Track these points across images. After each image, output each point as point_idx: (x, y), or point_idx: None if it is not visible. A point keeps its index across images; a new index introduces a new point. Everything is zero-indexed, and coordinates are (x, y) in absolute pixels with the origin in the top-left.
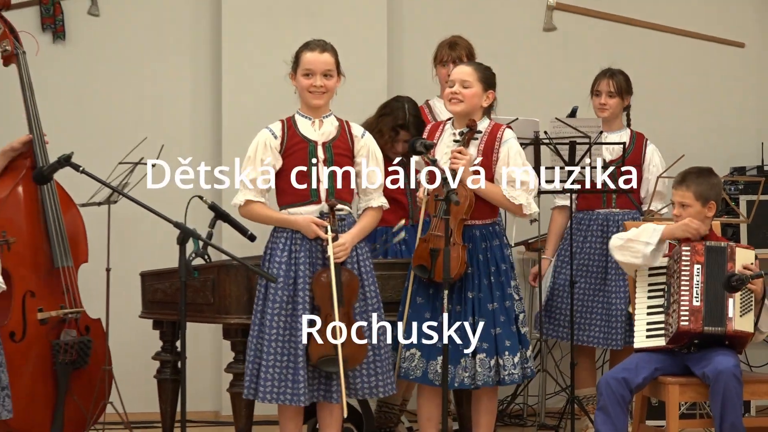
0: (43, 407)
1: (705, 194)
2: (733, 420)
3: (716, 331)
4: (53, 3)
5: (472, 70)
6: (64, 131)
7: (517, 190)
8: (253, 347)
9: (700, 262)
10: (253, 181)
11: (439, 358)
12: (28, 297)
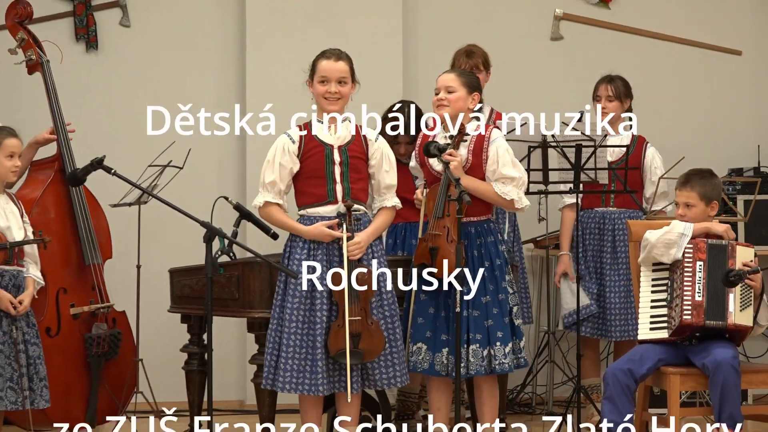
0: (77, 397)
1: (708, 194)
2: (732, 409)
3: (717, 325)
4: (86, 14)
5: (455, 76)
6: (97, 135)
7: (508, 186)
8: (272, 340)
9: (702, 259)
10: (272, 183)
11: (444, 350)
12: (61, 293)
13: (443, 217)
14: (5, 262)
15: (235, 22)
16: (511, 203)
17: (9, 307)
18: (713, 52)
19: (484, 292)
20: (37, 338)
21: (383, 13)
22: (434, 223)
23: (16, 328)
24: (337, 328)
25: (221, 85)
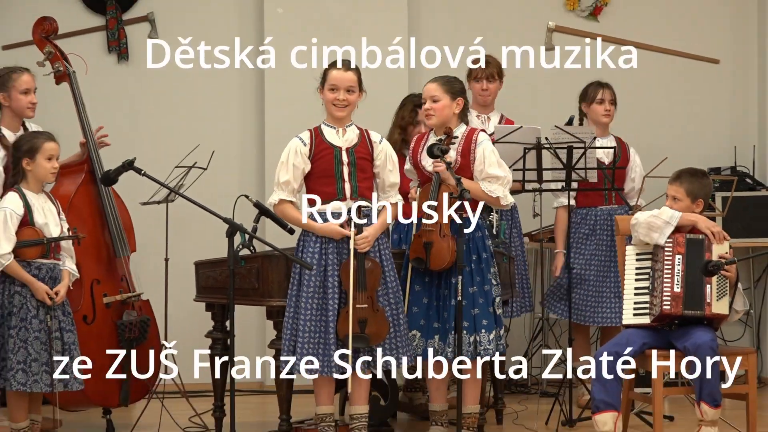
0: (111, 380)
1: (695, 192)
2: (711, 387)
3: (695, 314)
4: (118, 28)
5: (437, 86)
6: (127, 139)
7: (494, 184)
8: (289, 327)
9: (681, 253)
10: (287, 182)
11: (435, 336)
12: (95, 284)
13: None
14: (42, 256)
15: (254, 33)
16: (497, 200)
17: (45, 297)
18: (693, 61)
19: (471, 283)
20: (72, 326)
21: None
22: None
23: (51, 317)
24: (345, 314)
25: (242, 91)
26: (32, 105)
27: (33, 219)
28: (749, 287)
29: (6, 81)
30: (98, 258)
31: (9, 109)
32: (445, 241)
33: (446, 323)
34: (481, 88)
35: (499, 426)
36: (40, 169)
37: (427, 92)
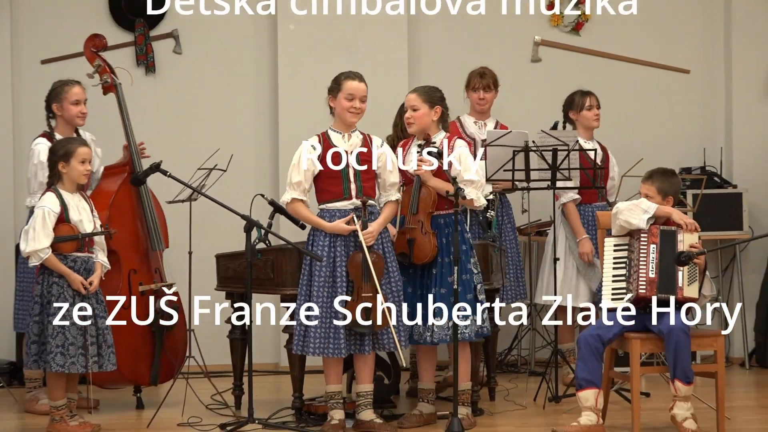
0: (143, 360)
1: (665, 190)
2: (683, 366)
3: (668, 297)
4: (146, 44)
5: (416, 96)
6: (155, 144)
7: (468, 187)
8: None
9: (655, 243)
10: (299, 183)
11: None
12: (132, 274)
13: (417, 213)
14: (77, 250)
15: (269, 48)
16: (470, 202)
17: (80, 287)
18: (666, 71)
19: (450, 272)
20: (104, 312)
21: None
22: (410, 218)
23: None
24: (352, 303)
25: (258, 100)
26: (82, 114)
27: (69, 216)
28: (717, 276)
29: (59, 93)
30: (136, 250)
31: (62, 117)
32: (427, 238)
33: (425, 310)
34: (478, 97)
35: (492, 402)
36: (74, 172)
37: (407, 102)
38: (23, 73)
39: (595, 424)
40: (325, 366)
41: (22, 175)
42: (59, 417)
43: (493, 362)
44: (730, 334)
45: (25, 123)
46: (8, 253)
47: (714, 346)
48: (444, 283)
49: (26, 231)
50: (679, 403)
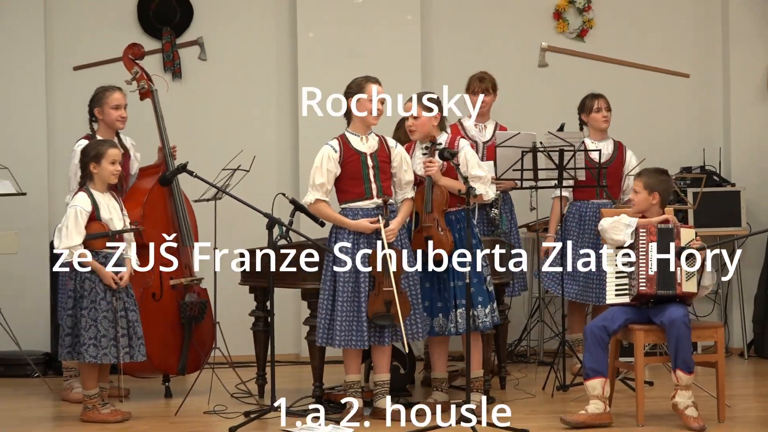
0: (172, 350)
1: (651, 185)
2: (684, 356)
3: (668, 294)
4: (172, 51)
5: (415, 105)
6: (181, 146)
7: (476, 183)
8: (324, 307)
9: (654, 241)
10: (321, 185)
11: (439, 314)
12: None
13: (432, 211)
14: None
15: (289, 56)
16: (480, 196)
17: (111, 282)
18: (667, 75)
19: (465, 264)
20: (134, 306)
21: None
22: (425, 217)
23: (117, 299)
24: (374, 296)
25: (279, 104)
26: (122, 119)
27: (100, 215)
28: (717, 270)
29: (101, 98)
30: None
31: (103, 121)
32: (443, 234)
33: (447, 302)
34: (475, 101)
35: (503, 390)
36: (104, 172)
37: (407, 110)
38: (57, 80)
39: (602, 412)
40: (345, 357)
41: (56, 177)
42: (92, 405)
43: (503, 352)
44: (729, 325)
45: (59, 127)
46: (43, 250)
47: (714, 337)
48: (459, 276)
49: (60, 229)
50: (680, 392)
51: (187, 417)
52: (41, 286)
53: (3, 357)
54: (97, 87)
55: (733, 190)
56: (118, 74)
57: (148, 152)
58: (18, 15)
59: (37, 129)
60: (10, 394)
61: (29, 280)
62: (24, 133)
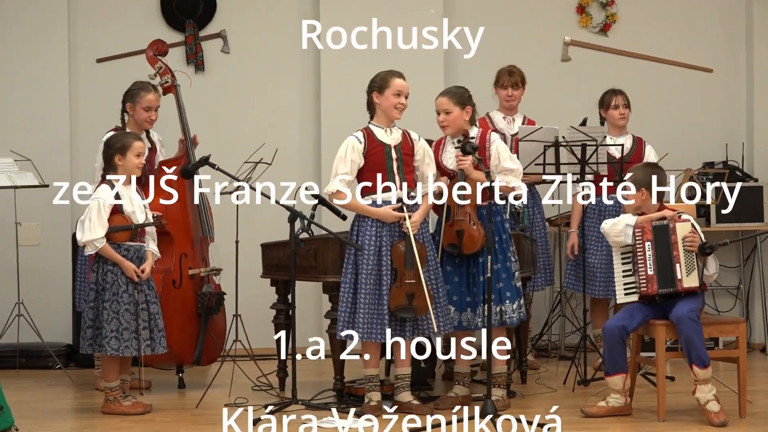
0: (189, 340)
1: (638, 181)
2: (698, 352)
3: (669, 291)
4: (195, 43)
5: (447, 99)
6: (204, 139)
7: (509, 176)
8: (346, 300)
9: (650, 239)
10: (344, 174)
11: (468, 309)
12: (183, 257)
13: (464, 205)
14: (130, 240)
15: (311, 49)
16: (512, 189)
17: (134, 275)
18: (690, 70)
19: (495, 260)
20: (155, 299)
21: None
22: (457, 210)
23: (138, 292)
24: (396, 289)
25: (302, 97)
26: (150, 121)
27: (122, 208)
28: (739, 265)
29: (135, 95)
30: (188, 236)
31: (133, 117)
32: (476, 228)
33: (476, 297)
34: (507, 94)
35: (524, 385)
36: (129, 164)
37: (439, 106)
38: (80, 72)
39: (623, 405)
40: (364, 350)
41: (79, 169)
42: (113, 397)
43: (525, 347)
44: (751, 321)
45: (82, 119)
46: (65, 242)
47: (736, 332)
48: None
49: (82, 221)
50: (700, 387)
51: (208, 409)
52: (63, 278)
53: (25, 349)
54: (135, 81)
55: (755, 185)
56: (141, 67)
57: (172, 145)
58: (41, 7)
59: (60, 121)
60: (32, 385)
61: (51, 272)
62: (47, 126)
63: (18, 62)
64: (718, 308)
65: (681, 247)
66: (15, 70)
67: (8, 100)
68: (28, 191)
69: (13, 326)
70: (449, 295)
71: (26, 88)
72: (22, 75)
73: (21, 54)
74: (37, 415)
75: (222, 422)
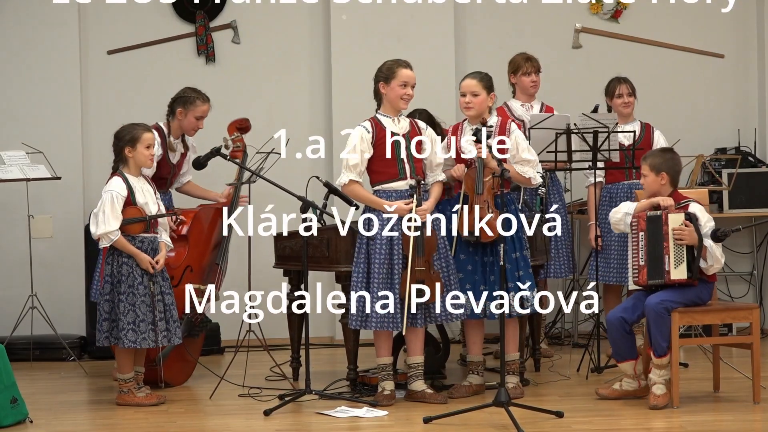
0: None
1: (657, 166)
2: (656, 341)
3: (658, 283)
4: (206, 34)
5: (477, 82)
6: (216, 130)
7: (525, 166)
8: (358, 289)
9: (643, 230)
10: (355, 165)
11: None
12: (188, 270)
13: (482, 193)
14: (144, 231)
15: (322, 39)
16: (528, 180)
17: (149, 266)
18: (702, 56)
19: (513, 249)
20: (170, 289)
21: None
22: (475, 198)
23: (153, 283)
24: (406, 276)
25: (312, 88)
26: (197, 129)
27: (135, 199)
28: (752, 251)
29: (188, 102)
30: (200, 257)
31: (179, 122)
32: (493, 216)
33: (492, 286)
34: (531, 80)
35: (537, 373)
36: (140, 156)
37: (467, 87)
38: (90, 64)
39: (636, 388)
40: (376, 339)
41: (91, 161)
42: (127, 389)
43: (538, 335)
44: (764, 306)
45: (93, 111)
46: (78, 235)
47: (749, 318)
48: (508, 259)
49: (96, 214)
50: (654, 369)
51: (222, 400)
52: (76, 270)
53: (39, 341)
54: (187, 88)
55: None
56: (152, 58)
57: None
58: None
59: (72, 113)
60: (46, 377)
61: (64, 265)
62: (58, 118)
63: (29, 55)
64: (731, 294)
65: (671, 238)
66: (26, 62)
67: (20, 93)
68: (41, 184)
69: (27, 319)
70: (461, 284)
71: (37, 80)
72: (34, 67)
73: (32, 46)
74: (52, 407)
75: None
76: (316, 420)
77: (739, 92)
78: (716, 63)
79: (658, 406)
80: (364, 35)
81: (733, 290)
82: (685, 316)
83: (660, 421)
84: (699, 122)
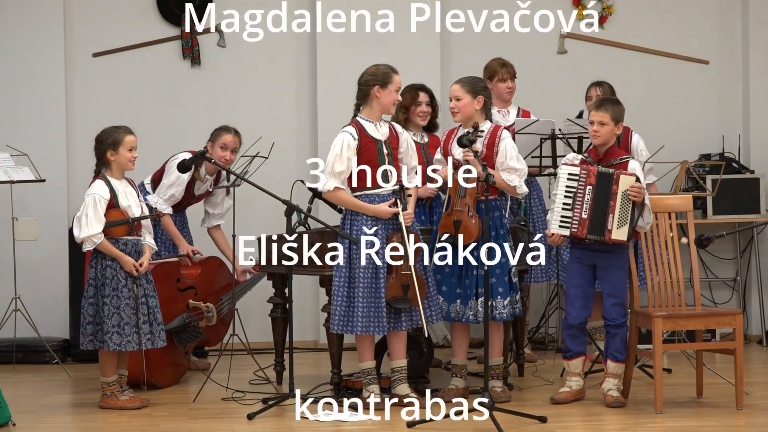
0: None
1: (616, 116)
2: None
3: (597, 239)
4: (191, 38)
5: (459, 87)
6: (201, 133)
7: (512, 175)
8: (340, 294)
9: (592, 184)
10: (341, 172)
11: (458, 300)
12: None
13: (465, 197)
14: (127, 234)
15: (307, 43)
16: (513, 189)
17: (132, 269)
18: (686, 62)
19: (492, 254)
20: (154, 292)
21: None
22: (457, 201)
23: (137, 286)
24: (391, 280)
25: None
26: (225, 161)
27: (118, 202)
28: (735, 257)
29: (218, 136)
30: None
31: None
32: (473, 220)
33: (468, 289)
34: (507, 87)
35: (521, 377)
36: (122, 159)
37: (451, 92)
38: (76, 66)
39: (581, 387)
40: (359, 344)
41: (75, 164)
42: (110, 392)
43: (522, 340)
44: (747, 312)
45: (78, 114)
46: (62, 237)
47: (733, 324)
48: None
49: (79, 218)
50: (608, 380)
51: (205, 403)
52: (60, 272)
53: (22, 344)
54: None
55: (752, 177)
56: (137, 61)
57: None
58: (37, 2)
59: (57, 116)
60: (29, 380)
61: (48, 267)
62: (43, 120)
63: (14, 57)
64: (714, 300)
65: (619, 198)
66: (11, 64)
67: (4, 95)
68: (25, 186)
69: (10, 321)
70: (438, 285)
71: (22, 82)
72: (18, 70)
73: (17, 48)
74: (35, 409)
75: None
76: (299, 425)
77: (723, 98)
78: (701, 69)
79: (611, 404)
80: (349, 40)
81: (716, 296)
82: (669, 321)
83: (643, 427)
84: (683, 128)
